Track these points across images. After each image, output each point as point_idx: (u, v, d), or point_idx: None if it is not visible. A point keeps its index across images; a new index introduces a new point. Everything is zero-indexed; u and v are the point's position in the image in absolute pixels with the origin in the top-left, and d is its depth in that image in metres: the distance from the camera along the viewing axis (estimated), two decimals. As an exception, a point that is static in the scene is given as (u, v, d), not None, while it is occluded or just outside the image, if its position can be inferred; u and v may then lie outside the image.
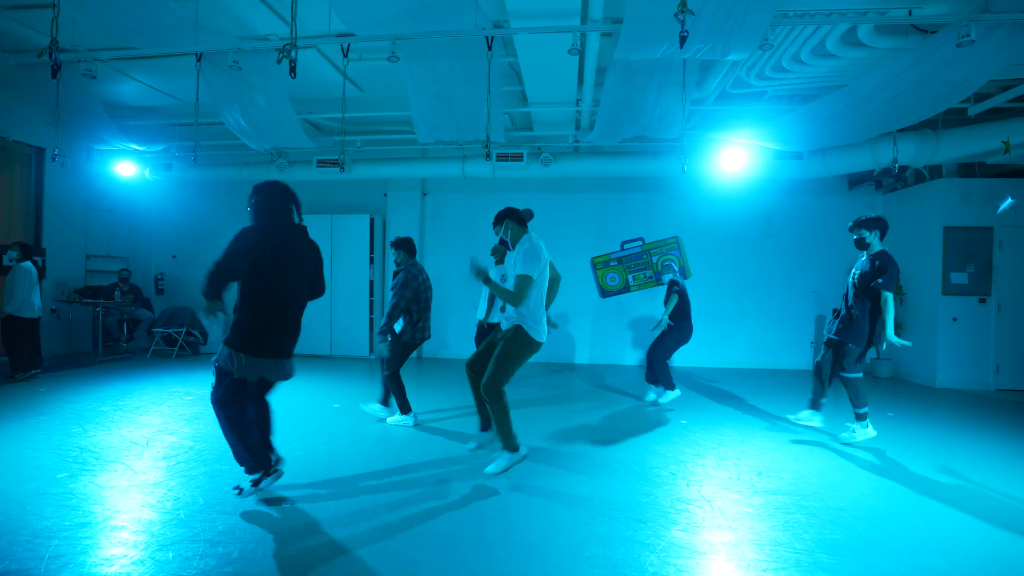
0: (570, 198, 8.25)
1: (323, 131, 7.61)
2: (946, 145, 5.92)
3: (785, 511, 2.86)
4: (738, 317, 7.83)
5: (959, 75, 4.08)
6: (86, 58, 4.79)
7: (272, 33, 4.99)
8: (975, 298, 6.59)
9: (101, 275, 8.40)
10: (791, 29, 4.12)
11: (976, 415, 5.21)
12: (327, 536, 2.49)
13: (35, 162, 7.48)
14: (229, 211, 9.06)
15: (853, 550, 2.44)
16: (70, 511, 2.66)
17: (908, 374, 7.14)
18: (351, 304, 8.24)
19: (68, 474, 3.17)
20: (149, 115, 7.19)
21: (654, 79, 4.74)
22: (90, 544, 2.34)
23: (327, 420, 4.60)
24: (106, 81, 6.02)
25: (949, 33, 3.66)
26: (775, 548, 2.44)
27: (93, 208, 8.26)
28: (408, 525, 2.62)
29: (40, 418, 4.40)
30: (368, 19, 3.99)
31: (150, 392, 5.50)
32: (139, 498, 2.85)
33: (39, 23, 4.75)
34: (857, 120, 5.00)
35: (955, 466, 3.66)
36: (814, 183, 7.61)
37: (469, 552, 2.38)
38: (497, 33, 4.10)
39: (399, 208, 8.50)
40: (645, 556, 2.35)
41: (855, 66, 4.60)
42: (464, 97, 5.02)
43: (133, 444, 3.77)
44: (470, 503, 2.90)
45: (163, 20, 4.14)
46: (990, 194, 6.48)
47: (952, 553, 2.44)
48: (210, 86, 5.13)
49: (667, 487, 3.17)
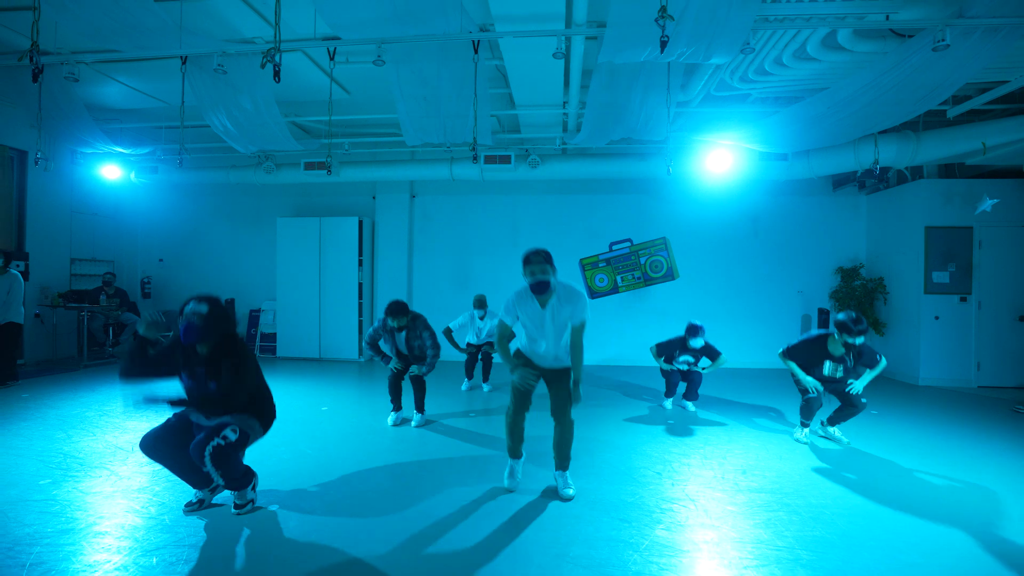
0: (558, 200, 8.29)
1: (311, 134, 7.58)
2: (927, 146, 6.02)
3: (767, 509, 2.90)
4: (725, 317, 7.90)
5: (936, 78, 4.16)
6: (68, 60, 4.74)
7: (258, 36, 4.96)
8: (956, 297, 6.70)
9: (86, 279, 8.30)
10: (772, 33, 4.18)
11: (958, 412, 5.31)
12: (313, 539, 2.49)
13: (17, 165, 7.38)
14: (216, 214, 9.01)
15: (833, 546, 2.49)
16: (52, 517, 2.64)
17: (891, 372, 7.24)
18: (340, 307, 8.21)
19: (51, 480, 3.14)
20: (134, 118, 7.13)
21: (639, 82, 4.78)
22: (73, 550, 2.33)
23: (315, 423, 4.58)
24: (89, 84, 5.97)
25: (925, 37, 3.73)
26: (756, 545, 2.48)
27: (78, 211, 8.17)
28: (391, 526, 2.63)
29: (22, 424, 4.34)
30: (353, 22, 3.99)
31: (135, 397, 5.45)
32: (123, 503, 2.83)
33: (19, 25, 4.69)
34: (839, 122, 5.07)
35: (938, 463, 3.74)
36: (799, 184, 7.72)
37: (453, 552, 2.39)
38: (482, 36, 4.11)
39: (388, 210, 8.49)
40: (629, 555, 2.38)
41: (836, 69, 4.67)
42: (451, 99, 5.04)
43: (119, 449, 3.74)
44: (455, 504, 2.91)
45: (146, 23, 4.11)
46: (970, 194, 6.60)
47: (929, 549, 2.50)
48: (195, 89, 5.10)
49: (652, 487, 3.21)
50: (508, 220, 8.38)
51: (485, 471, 3.43)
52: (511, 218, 8.39)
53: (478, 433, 4.33)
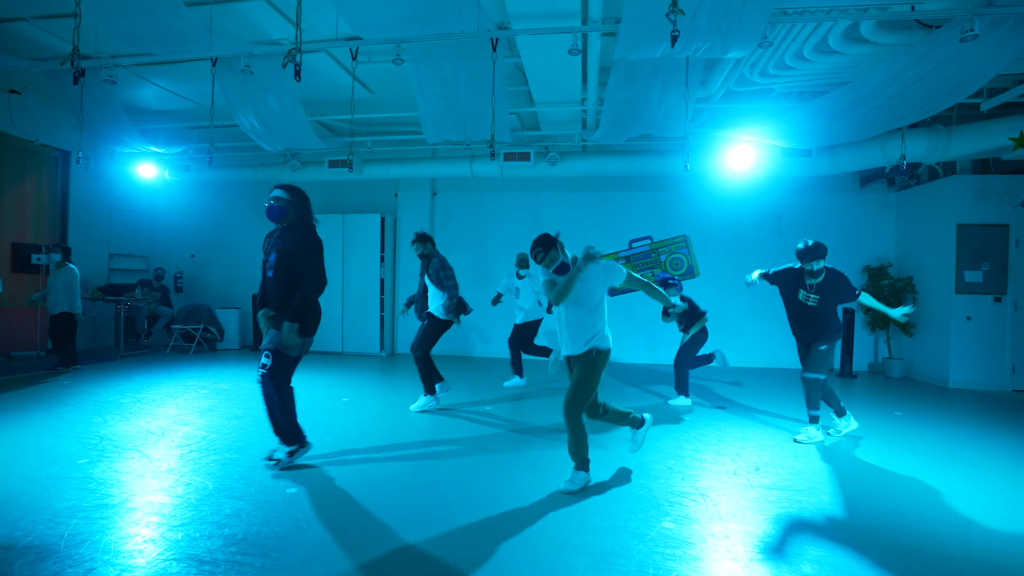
0: (578, 197, 8.30)
1: (334, 132, 7.77)
2: (958, 141, 5.83)
3: (778, 505, 2.88)
4: (746, 316, 7.79)
5: (965, 70, 4.04)
6: (108, 64, 5.00)
7: (284, 37, 5.13)
8: (990, 297, 6.47)
9: (124, 273, 8.70)
10: (791, 26, 4.13)
11: (992, 416, 5.13)
12: (330, 521, 2.59)
13: (61, 165, 7.78)
14: (244, 211, 9.30)
15: (843, 546, 2.46)
16: (89, 493, 2.82)
17: (920, 374, 7.04)
18: (362, 302, 8.40)
19: (88, 460, 3.34)
20: (168, 118, 7.43)
21: (658, 78, 4.78)
22: (106, 524, 2.48)
23: (335, 412, 4.72)
24: (127, 86, 6.25)
25: (952, 28, 3.64)
26: (764, 540, 2.48)
27: (116, 209, 8.56)
28: (404, 513, 2.71)
29: (64, 408, 4.61)
30: (374, 23, 4.10)
31: (168, 386, 5.71)
32: (153, 483, 2.99)
33: (64, 32, 4.96)
34: (864, 116, 4.97)
35: (965, 468, 3.64)
36: (824, 181, 7.55)
37: (459, 537, 2.46)
38: (500, 35, 4.17)
39: (410, 207, 8.64)
40: (634, 545, 2.40)
41: (859, 62, 4.58)
42: (470, 97, 5.12)
43: (150, 434, 3.94)
44: (463, 489, 2.98)
45: (179, 27, 4.30)
46: (1005, 191, 6.36)
47: (949, 555, 2.45)
48: (225, 90, 5.31)
49: (663, 480, 3.22)
50: (528, 217, 8.43)
51: (498, 458, 3.49)
52: (531, 215, 8.43)
53: (500, 418, 4.39)
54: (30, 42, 5.25)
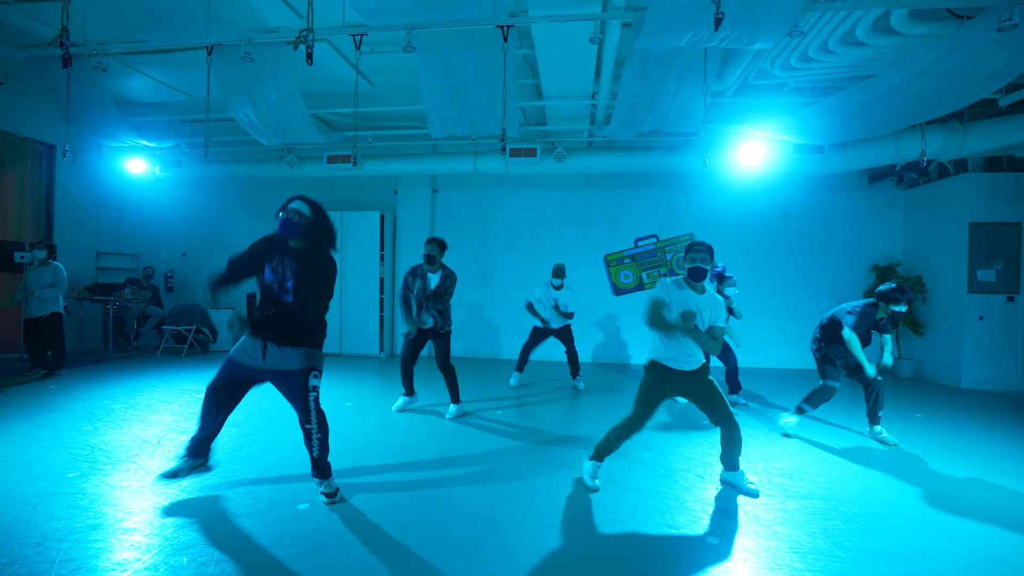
0: (583, 194, 8.13)
1: (333, 127, 7.53)
2: (974, 138, 5.74)
3: (822, 517, 2.73)
4: (752, 316, 7.66)
5: (996, 63, 3.91)
6: (96, 51, 4.72)
7: (283, 25, 4.89)
8: (1003, 296, 6.40)
9: (112, 272, 8.37)
10: (820, 15, 3.97)
11: (1008, 417, 5.04)
12: (345, 537, 2.39)
13: (46, 159, 7.45)
14: (239, 208, 9.01)
15: (900, 559, 2.31)
16: (81, 512, 2.58)
17: (931, 374, 6.95)
18: (361, 302, 8.16)
19: (79, 473, 3.10)
20: (159, 111, 7.13)
21: (673, 70, 4.61)
22: (102, 547, 2.26)
23: (340, 419, 4.50)
24: (116, 76, 5.97)
25: (989, 17, 3.50)
26: (817, 557, 2.32)
27: (103, 205, 8.23)
28: (419, 518, 2.52)
29: (50, 415, 4.33)
30: (383, 7, 3.88)
31: (161, 390, 5.44)
32: (151, 499, 2.76)
33: (48, 16, 4.69)
34: (884, 112, 4.84)
35: (993, 471, 3.51)
36: (833, 178, 7.45)
37: (477, 552, 2.27)
38: (516, 23, 3.98)
39: (410, 204, 8.41)
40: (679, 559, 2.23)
41: (884, 55, 4.44)
42: (477, 90, 4.91)
43: (145, 443, 3.70)
44: (480, 502, 2.79)
45: (172, 11, 4.06)
46: (1018, 189, 6.29)
47: (1006, 569, 2.31)
48: (220, 80, 5.05)
49: (695, 491, 3.05)
50: (532, 215, 8.25)
51: (511, 465, 3.30)
52: (535, 213, 8.25)
53: (512, 424, 4.20)
54: (13, 27, 4.95)
